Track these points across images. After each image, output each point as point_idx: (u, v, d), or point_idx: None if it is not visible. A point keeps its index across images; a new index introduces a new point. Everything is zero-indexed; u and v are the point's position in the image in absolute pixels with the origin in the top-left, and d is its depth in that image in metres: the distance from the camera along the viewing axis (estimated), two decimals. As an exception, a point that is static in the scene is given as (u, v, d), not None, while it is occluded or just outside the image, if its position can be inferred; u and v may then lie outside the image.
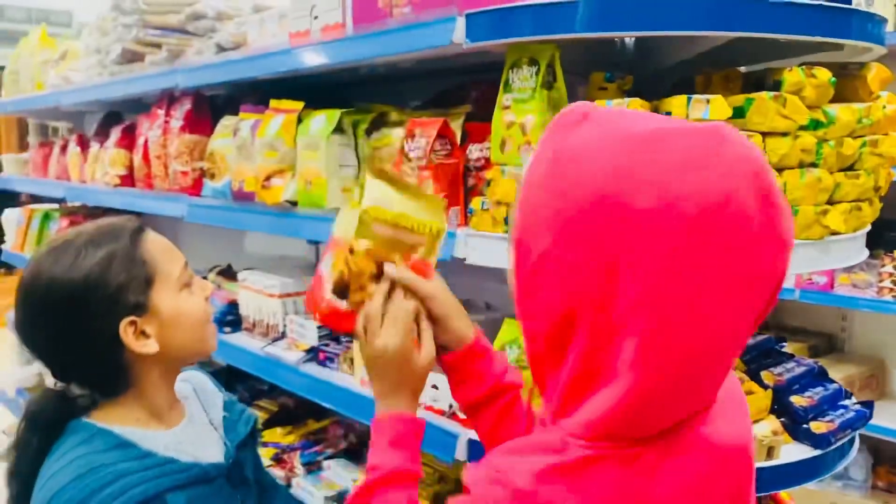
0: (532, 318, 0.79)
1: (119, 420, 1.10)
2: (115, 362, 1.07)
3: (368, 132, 1.85)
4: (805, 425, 1.46)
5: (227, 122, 2.26)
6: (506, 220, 1.40)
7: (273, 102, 2.03)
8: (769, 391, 1.49)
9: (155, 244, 1.12)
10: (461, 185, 1.58)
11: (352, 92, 2.27)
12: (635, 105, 1.27)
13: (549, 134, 0.79)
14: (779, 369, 1.58)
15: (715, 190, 0.68)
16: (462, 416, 1.56)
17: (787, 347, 1.76)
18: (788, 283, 3.15)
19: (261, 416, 2.54)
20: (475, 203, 1.45)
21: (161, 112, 2.54)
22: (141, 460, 1.05)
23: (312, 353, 2.03)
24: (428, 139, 1.54)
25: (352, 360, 1.90)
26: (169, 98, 2.53)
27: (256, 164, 2.01)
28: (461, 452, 1.51)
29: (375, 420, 1.08)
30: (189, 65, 2.32)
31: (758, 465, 1.00)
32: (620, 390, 0.72)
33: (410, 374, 1.05)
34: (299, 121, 1.91)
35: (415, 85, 2.12)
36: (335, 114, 1.80)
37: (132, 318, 1.05)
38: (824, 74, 1.31)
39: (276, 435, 2.44)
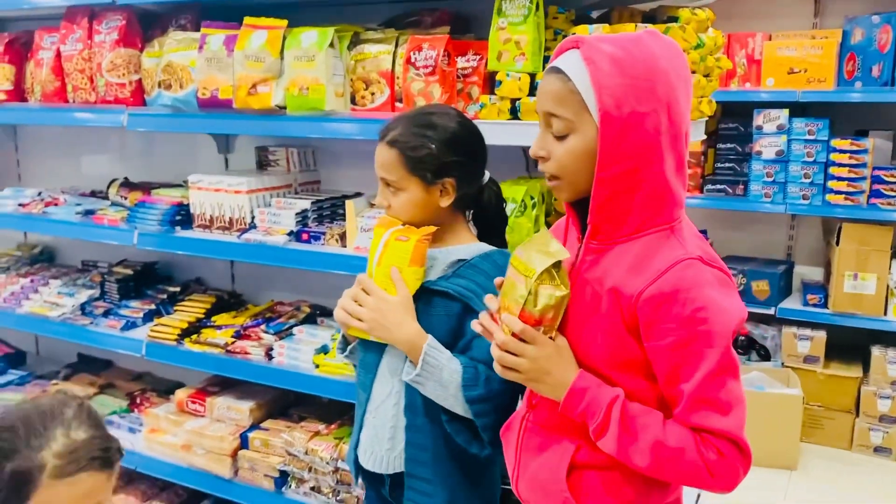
0: (618, 161, 1.23)
1: None
2: None
3: (349, 48, 2.27)
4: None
5: (178, 36, 2.49)
6: (510, 111, 1.98)
7: (248, 20, 2.33)
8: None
9: None
10: (455, 87, 2.12)
11: (296, 13, 2.58)
12: (607, 30, 1.92)
13: (589, 50, 1.25)
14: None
15: (683, 58, 1.31)
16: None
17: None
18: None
19: (202, 307, 2.84)
20: (484, 99, 2.01)
21: (78, 27, 2.64)
22: None
23: (294, 236, 2.43)
24: (438, 51, 2.05)
25: (340, 236, 2.35)
26: (89, 14, 2.63)
27: (236, 73, 2.32)
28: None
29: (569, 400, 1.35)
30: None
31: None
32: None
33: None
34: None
35: (356, 10, 2.53)
36: (328, 31, 2.20)
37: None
38: (702, 14, 2.08)
39: (227, 318, 2.77)
